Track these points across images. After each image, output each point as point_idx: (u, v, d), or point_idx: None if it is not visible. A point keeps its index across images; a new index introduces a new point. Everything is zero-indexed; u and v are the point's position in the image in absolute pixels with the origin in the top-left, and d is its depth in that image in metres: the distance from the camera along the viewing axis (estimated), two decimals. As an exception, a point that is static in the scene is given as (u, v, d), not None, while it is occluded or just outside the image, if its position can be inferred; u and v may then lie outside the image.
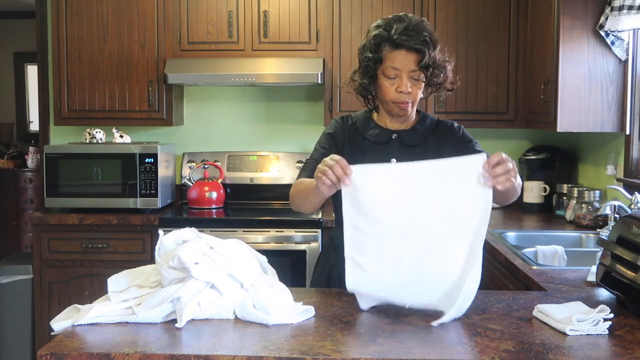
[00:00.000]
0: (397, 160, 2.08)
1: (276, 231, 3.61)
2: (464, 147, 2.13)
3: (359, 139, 2.16)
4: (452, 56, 2.12)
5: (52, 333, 1.64)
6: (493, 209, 1.73)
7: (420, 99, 2.12)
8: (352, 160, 1.77)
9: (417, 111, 2.20)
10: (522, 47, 3.86)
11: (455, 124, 2.21)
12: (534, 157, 4.03)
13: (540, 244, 2.86)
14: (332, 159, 1.75)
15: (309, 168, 2.13)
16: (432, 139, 2.15)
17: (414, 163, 1.75)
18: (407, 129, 2.16)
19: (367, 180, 1.73)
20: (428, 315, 1.74)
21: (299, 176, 2.17)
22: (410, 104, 2.08)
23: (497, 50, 3.89)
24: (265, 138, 4.35)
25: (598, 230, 3.04)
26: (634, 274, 1.76)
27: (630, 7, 3.05)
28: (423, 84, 2.07)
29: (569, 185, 3.68)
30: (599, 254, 2.07)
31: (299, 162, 4.17)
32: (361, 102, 2.21)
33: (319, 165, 1.79)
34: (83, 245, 3.73)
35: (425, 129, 2.17)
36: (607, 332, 1.61)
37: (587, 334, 1.59)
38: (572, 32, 3.28)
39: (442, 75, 2.08)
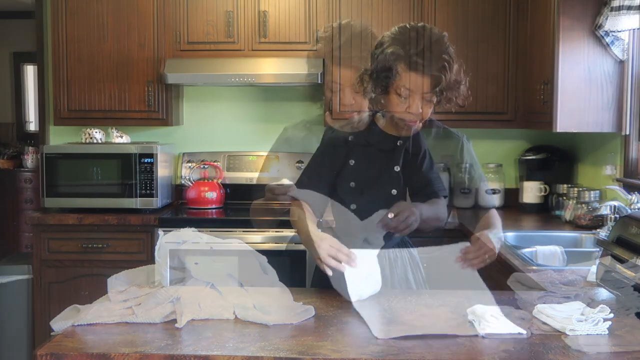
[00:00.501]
0: (400, 168, 2.08)
1: (276, 231, 3.61)
2: (461, 166, 2.15)
3: (363, 143, 2.14)
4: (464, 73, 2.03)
5: (51, 333, 1.64)
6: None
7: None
8: (356, 166, 1.79)
9: None
10: (521, 47, 3.86)
11: (464, 139, 2.19)
12: (532, 157, 4.02)
13: (540, 244, 2.86)
14: (342, 251, 1.87)
15: (304, 182, 2.16)
16: (436, 148, 2.13)
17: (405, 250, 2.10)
18: (411, 136, 2.12)
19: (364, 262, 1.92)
20: (425, 316, 1.74)
21: (294, 195, 2.15)
22: (417, 122, 2.02)
23: (496, 51, 3.89)
24: (264, 138, 4.34)
25: (597, 230, 3.04)
26: (634, 274, 1.76)
27: (629, 7, 3.05)
28: (434, 104, 2.01)
29: (568, 186, 3.68)
30: (598, 254, 2.07)
31: (298, 162, 4.16)
32: (364, 103, 2.19)
33: (328, 252, 1.88)
34: (82, 245, 3.72)
35: (430, 137, 2.14)
36: (607, 332, 1.60)
37: (587, 334, 1.59)
38: (571, 32, 3.28)
39: (455, 95, 2.00)
